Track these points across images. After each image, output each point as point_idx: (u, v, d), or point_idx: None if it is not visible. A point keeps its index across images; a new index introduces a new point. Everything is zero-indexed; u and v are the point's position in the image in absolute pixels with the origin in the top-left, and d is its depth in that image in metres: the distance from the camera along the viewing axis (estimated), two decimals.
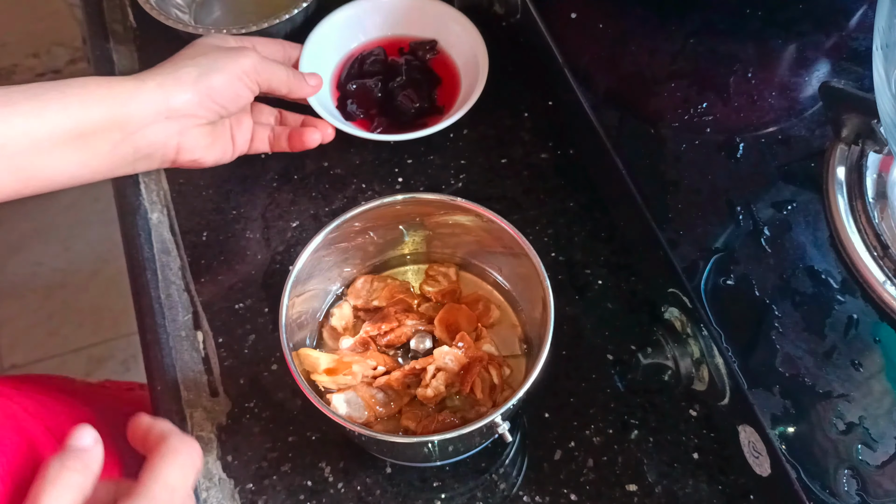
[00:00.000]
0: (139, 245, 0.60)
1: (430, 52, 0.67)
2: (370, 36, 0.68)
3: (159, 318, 0.58)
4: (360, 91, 0.64)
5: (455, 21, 0.65)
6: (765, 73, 0.56)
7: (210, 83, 0.51)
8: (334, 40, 0.66)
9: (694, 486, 0.51)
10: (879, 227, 0.47)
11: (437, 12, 0.66)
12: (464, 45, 0.65)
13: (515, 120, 0.66)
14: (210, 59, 0.52)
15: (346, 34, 0.67)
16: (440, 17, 0.66)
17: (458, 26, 0.65)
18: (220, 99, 0.52)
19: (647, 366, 0.49)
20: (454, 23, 0.65)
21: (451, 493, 0.52)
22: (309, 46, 0.64)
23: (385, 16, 0.67)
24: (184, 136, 0.51)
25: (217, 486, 0.52)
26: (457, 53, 0.66)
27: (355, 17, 0.67)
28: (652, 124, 0.53)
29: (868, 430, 0.43)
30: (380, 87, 0.64)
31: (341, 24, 0.66)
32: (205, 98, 0.51)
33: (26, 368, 1.41)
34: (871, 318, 0.46)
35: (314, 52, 0.64)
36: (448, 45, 0.67)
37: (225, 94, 0.52)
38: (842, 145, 0.50)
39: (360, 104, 0.64)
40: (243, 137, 0.57)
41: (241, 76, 0.52)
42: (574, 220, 0.61)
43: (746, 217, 0.49)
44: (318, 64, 0.64)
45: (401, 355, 0.53)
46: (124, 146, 0.49)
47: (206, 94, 0.50)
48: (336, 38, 0.66)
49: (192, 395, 0.55)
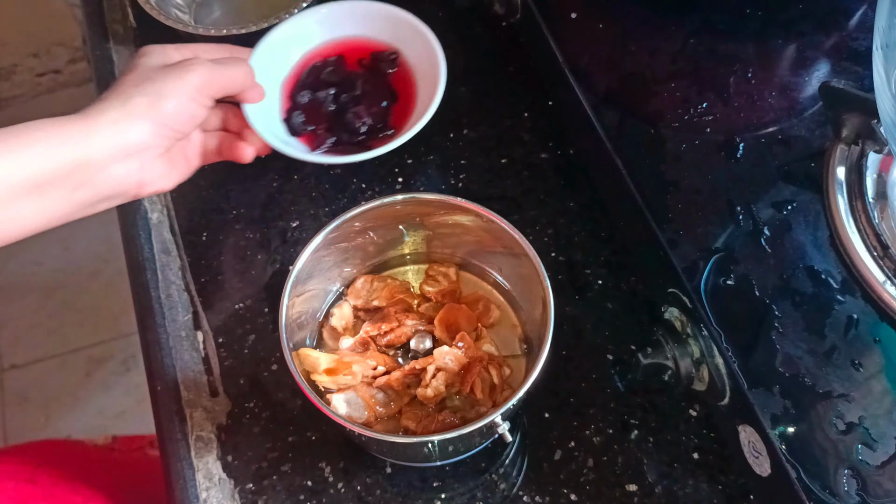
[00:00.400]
0: (139, 245, 0.60)
1: (390, 65, 0.61)
2: (329, 37, 0.62)
3: (159, 318, 0.58)
4: (312, 104, 0.59)
5: (419, 33, 0.59)
6: (765, 73, 0.56)
7: (163, 110, 0.46)
8: (289, 45, 0.61)
9: (694, 486, 0.51)
10: (879, 227, 0.47)
11: (401, 20, 0.60)
12: (424, 61, 0.59)
13: (515, 120, 0.66)
14: (157, 83, 0.47)
15: (300, 40, 0.61)
16: (405, 27, 0.60)
17: (422, 39, 0.59)
18: (175, 125, 0.48)
19: (647, 366, 0.49)
20: (418, 35, 0.59)
21: (451, 493, 0.52)
22: (261, 49, 0.58)
23: (346, 19, 0.61)
24: (144, 171, 0.48)
25: (217, 486, 0.52)
26: (418, 69, 0.60)
27: (313, 21, 0.61)
28: (652, 124, 0.53)
29: (868, 430, 0.43)
30: (331, 99, 0.60)
31: (295, 31, 0.61)
32: (160, 127, 0.47)
33: (26, 368, 1.41)
34: (871, 318, 0.46)
35: (268, 56, 0.59)
36: (410, 58, 0.61)
37: (180, 119, 0.48)
38: (842, 145, 0.50)
39: (310, 118, 0.59)
40: (195, 152, 0.54)
41: (193, 95, 0.48)
42: (574, 220, 0.61)
43: (746, 217, 0.49)
44: (270, 70, 0.59)
45: (401, 355, 0.53)
46: (84, 191, 0.46)
47: (160, 122, 0.47)
48: (291, 43, 0.61)
49: (192, 394, 0.55)
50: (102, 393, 1.38)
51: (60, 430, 1.34)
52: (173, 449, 0.53)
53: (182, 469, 0.52)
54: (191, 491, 0.51)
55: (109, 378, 1.40)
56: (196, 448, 0.53)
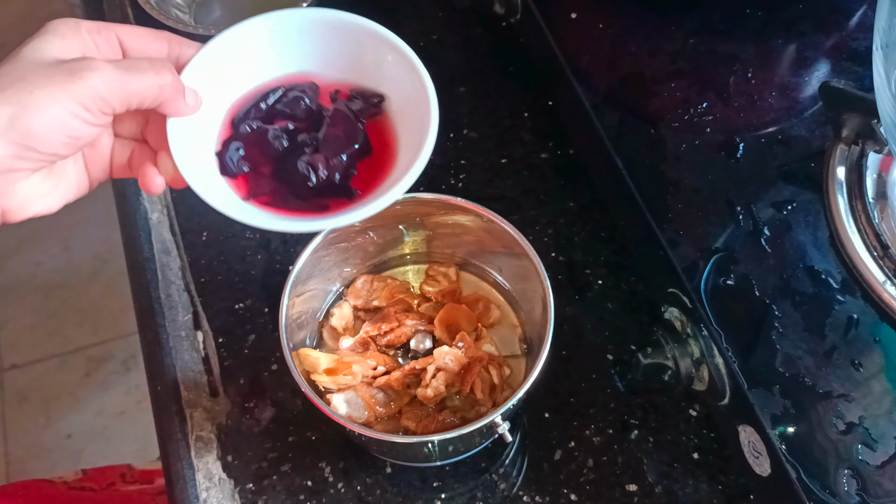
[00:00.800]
0: (139, 245, 0.60)
1: (371, 108, 0.45)
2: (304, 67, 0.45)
3: (159, 318, 0.58)
4: (258, 137, 0.44)
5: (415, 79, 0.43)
6: (765, 73, 0.56)
7: (27, 128, 0.34)
8: (253, 54, 0.44)
9: (694, 486, 0.51)
10: (879, 227, 0.47)
11: (395, 59, 0.44)
12: (414, 115, 0.44)
13: (515, 120, 0.66)
14: (27, 88, 0.34)
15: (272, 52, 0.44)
16: (397, 67, 0.44)
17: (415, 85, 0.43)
18: (44, 146, 0.35)
19: (647, 366, 0.49)
20: (413, 80, 0.43)
21: (451, 493, 0.52)
22: (212, 49, 0.42)
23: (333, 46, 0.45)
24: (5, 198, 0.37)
25: (217, 487, 0.52)
26: (403, 124, 0.45)
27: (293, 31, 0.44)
28: (652, 124, 0.53)
29: (868, 430, 0.43)
30: (286, 136, 0.44)
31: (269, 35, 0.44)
32: (20, 149, 0.35)
33: (26, 368, 1.41)
34: (871, 318, 0.46)
35: (218, 60, 0.43)
36: (397, 108, 0.45)
37: (51, 140, 0.35)
38: (842, 145, 0.50)
39: (250, 155, 0.43)
40: (98, 163, 0.41)
41: (76, 111, 0.35)
42: (574, 220, 0.61)
43: (746, 217, 0.49)
44: (220, 79, 0.43)
45: (401, 355, 0.53)
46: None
47: (21, 143, 0.34)
48: (257, 52, 0.44)
49: (192, 395, 0.55)
50: (102, 393, 1.38)
51: (60, 430, 1.34)
52: (173, 449, 0.53)
53: (182, 469, 0.52)
54: (191, 491, 0.51)
55: (109, 378, 1.40)
56: (196, 448, 0.53)
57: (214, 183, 0.42)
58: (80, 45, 0.38)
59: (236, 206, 0.41)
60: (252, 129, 0.44)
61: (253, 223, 0.41)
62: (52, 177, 0.39)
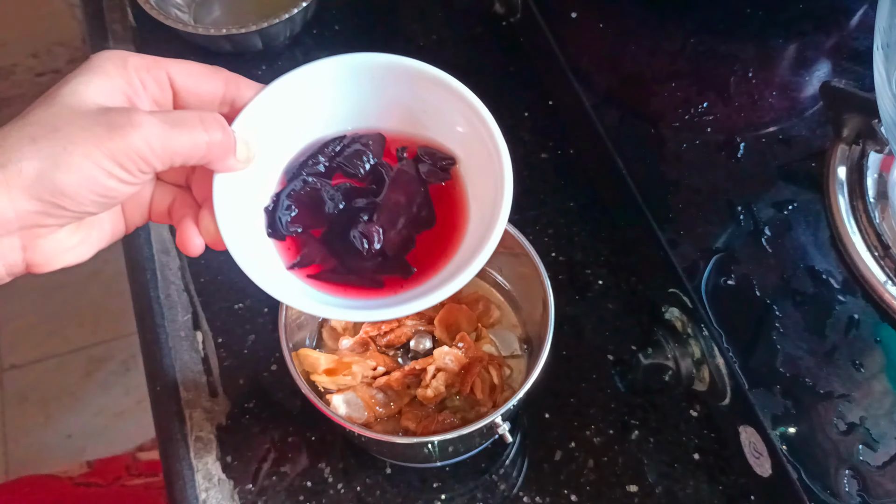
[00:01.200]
0: (138, 245, 0.60)
1: (439, 172, 0.40)
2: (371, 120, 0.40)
3: (159, 318, 0.57)
4: (309, 196, 0.39)
5: (490, 146, 0.38)
6: (765, 73, 0.55)
7: (56, 185, 0.31)
8: (318, 101, 0.39)
9: (694, 487, 0.51)
10: (880, 227, 0.47)
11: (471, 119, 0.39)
12: (485, 184, 0.39)
13: (515, 120, 0.66)
14: (61, 142, 0.31)
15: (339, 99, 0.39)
16: (472, 128, 0.39)
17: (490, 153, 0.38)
18: (75, 205, 0.32)
19: (648, 366, 0.49)
20: (489, 147, 0.38)
21: (451, 494, 0.52)
22: (272, 92, 0.37)
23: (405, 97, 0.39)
24: (30, 252, 0.34)
25: (217, 487, 0.52)
26: (472, 194, 0.40)
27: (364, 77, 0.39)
28: (652, 124, 0.53)
29: (869, 431, 0.42)
30: (342, 197, 0.39)
31: (337, 80, 0.39)
32: (49, 206, 0.32)
33: (26, 368, 1.41)
34: (872, 318, 0.46)
35: (278, 106, 0.38)
36: (466, 173, 0.40)
37: (83, 199, 0.32)
38: (842, 145, 0.50)
39: (301, 215, 0.39)
40: (140, 208, 0.38)
41: (112, 170, 0.32)
42: (574, 220, 0.61)
43: (747, 217, 0.49)
44: (276, 128, 0.38)
45: (401, 355, 0.53)
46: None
47: (49, 200, 0.31)
48: (323, 98, 0.39)
49: (192, 395, 0.55)
50: (102, 393, 1.38)
51: (60, 430, 1.34)
52: (173, 449, 0.53)
53: (181, 470, 0.52)
54: (190, 492, 0.51)
55: (109, 378, 1.40)
56: (195, 448, 0.53)
57: (260, 249, 0.38)
58: (125, 86, 0.34)
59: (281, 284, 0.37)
60: (306, 185, 0.39)
61: (299, 307, 0.36)
62: (81, 229, 0.36)
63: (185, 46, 0.67)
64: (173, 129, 0.33)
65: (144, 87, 0.35)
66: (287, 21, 0.65)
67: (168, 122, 0.33)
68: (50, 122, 0.32)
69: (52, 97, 0.33)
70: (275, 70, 0.69)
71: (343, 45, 0.71)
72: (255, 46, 0.67)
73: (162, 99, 0.35)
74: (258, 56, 0.69)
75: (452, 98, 0.39)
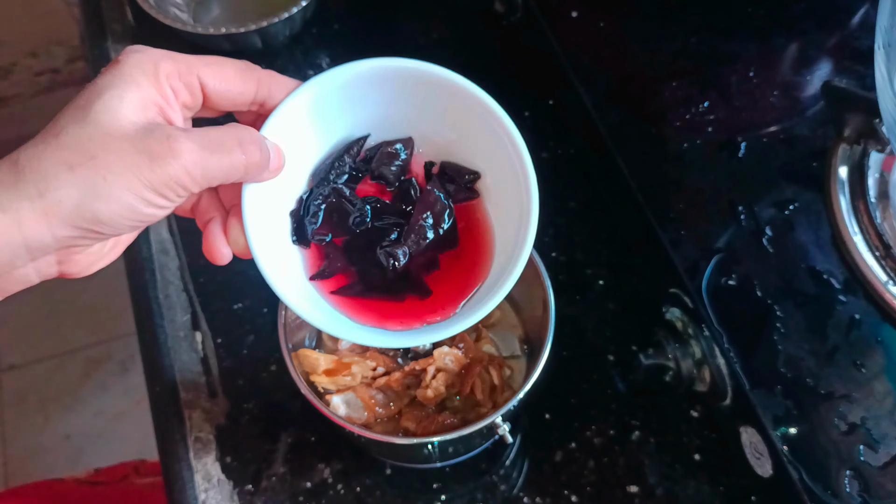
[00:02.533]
0: (137, 245, 0.60)
1: (465, 190, 0.40)
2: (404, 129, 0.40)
3: (158, 318, 0.57)
4: (334, 204, 0.39)
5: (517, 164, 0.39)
6: (767, 72, 0.55)
7: (94, 215, 0.31)
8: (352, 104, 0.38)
9: (695, 488, 0.51)
10: (881, 227, 0.47)
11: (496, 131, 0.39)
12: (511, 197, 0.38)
13: (515, 120, 0.65)
14: (101, 172, 0.31)
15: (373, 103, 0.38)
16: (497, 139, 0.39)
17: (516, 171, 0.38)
18: (112, 231, 0.33)
19: (649, 366, 0.49)
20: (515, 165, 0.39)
21: (451, 495, 0.51)
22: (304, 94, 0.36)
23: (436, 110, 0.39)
24: (65, 265, 0.35)
25: (216, 487, 0.52)
26: (496, 208, 0.40)
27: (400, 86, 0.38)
28: (653, 123, 0.53)
29: (870, 431, 0.42)
30: (368, 210, 0.39)
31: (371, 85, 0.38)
32: (86, 232, 0.32)
33: (25, 368, 1.41)
34: (873, 318, 0.45)
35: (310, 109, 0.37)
36: (488, 189, 0.40)
37: (120, 225, 0.33)
38: (844, 145, 0.50)
39: (327, 223, 0.39)
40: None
41: (151, 199, 0.32)
42: (574, 220, 0.61)
43: (748, 217, 0.49)
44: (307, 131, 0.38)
45: (400, 356, 0.53)
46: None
47: (88, 227, 0.32)
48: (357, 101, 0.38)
49: (191, 395, 0.55)
50: (101, 393, 1.38)
51: (59, 430, 1.34)
52: (172, 450, 0.53)
53: (181, 470, 0.52)
54: (189, 492, 0.51)
55: (108, 379, 1.39)
56: (195, 449, 0.53)
57: (284, 258, 0.37)
58: (157, 97, 0.33)
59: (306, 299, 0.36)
60: (333, 193, 0.39)
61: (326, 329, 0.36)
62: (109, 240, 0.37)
63: (184, 46, 0.67)
64: (213, 155, 0.33)
65: (176, 95, 0.34)
66: (286, 20, 0.65)
67: (207, 146, 0.33)
68: (85, 147, 0.31)
69: (85, 112, 0.32)
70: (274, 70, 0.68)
71: (343, 44, 0.71)
72: (255, 46, 0.67)
73: (192, 104, 0.35)
74: (257, 55, 0.68)
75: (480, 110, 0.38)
